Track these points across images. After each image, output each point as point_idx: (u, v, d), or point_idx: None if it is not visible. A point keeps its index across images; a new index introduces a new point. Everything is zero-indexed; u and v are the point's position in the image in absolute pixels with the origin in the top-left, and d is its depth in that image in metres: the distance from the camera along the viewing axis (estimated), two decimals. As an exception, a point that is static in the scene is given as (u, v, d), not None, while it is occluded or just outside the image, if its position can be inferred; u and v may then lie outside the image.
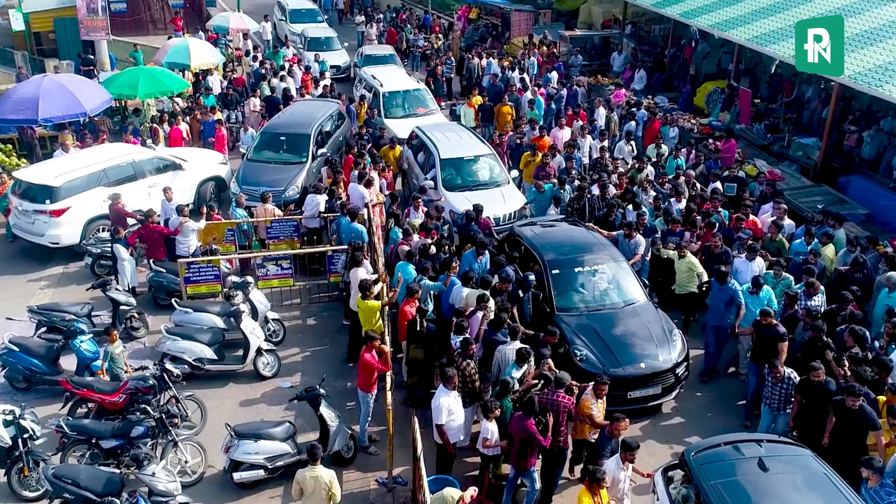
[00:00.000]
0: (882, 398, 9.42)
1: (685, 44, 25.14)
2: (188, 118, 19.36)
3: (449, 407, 9.19)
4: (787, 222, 13.92)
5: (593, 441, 9.50)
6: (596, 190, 15.10)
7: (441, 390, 9.24)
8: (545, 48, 26.75)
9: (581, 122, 19.22)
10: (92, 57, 24.97)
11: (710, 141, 18.20)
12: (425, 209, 14.24)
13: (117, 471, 9.33)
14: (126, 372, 10.88)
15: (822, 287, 11.75)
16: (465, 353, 9.99)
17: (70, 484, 8.72)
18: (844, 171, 17.12)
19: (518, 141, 18.08)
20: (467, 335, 10.38)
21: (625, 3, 27.26)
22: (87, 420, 10.08)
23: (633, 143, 18.27)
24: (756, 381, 10.99)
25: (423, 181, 15.84)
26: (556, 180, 15.70)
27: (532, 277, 11.88)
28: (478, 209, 13.83)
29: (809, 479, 7.93)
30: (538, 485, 9.23)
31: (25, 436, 9.48)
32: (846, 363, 10.10)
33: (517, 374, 9.71)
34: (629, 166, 16.52)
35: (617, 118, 19.80)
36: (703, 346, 12.21)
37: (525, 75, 23.56)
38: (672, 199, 14.65)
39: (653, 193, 14.86)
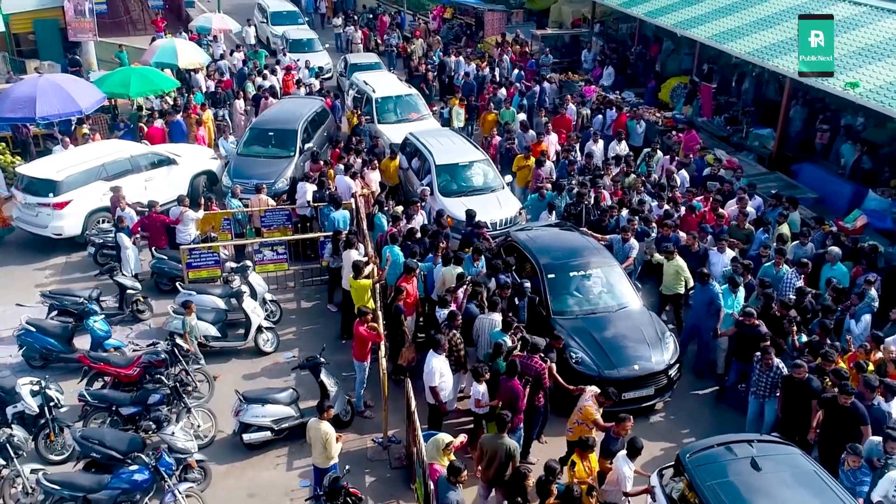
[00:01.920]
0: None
1: (652, 41, 26.46)
2: (179, 116, 20.10)
3: (441, 369, 10.22)
4: (750, 209, 14.76)
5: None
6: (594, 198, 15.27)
7: (432, 354, 10.24)
8: (518, 47, 27.87)
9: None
10: (79, 58, 25.62)
11: (674, 133, 19.41)
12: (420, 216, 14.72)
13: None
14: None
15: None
16: (451, 324, 11.00)
17: (97, 444, 9.60)
18: (796, 160, 18.42)
19: (508, 146, 18.37)
20: (453, 308, 11.41)
21: (593, 3, 28.52)
22: (107, 390, 10.97)
23: (624, 142, 18.66)
24: (736, 376, 11.54)
25: (419, 187, 16.18)
26: (550, 186, 15.89)
27: (527, 285, 12.17)
28: (470, 215, 14.24)
29: (800, 476, 8.23)
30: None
31: (51, 404, 10.37)
32: (794, 328, 11.23)
33: (507, 339, 10.68)
34: (618, 170, 16.82)
35: (588, 112, 20.87)
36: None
37: (496, 73, 24.53)
38: (655, 205, 15.02)
39: (648, 198, 15.25)
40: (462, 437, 9.30)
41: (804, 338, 11.04)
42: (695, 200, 15.09)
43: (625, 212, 14.65)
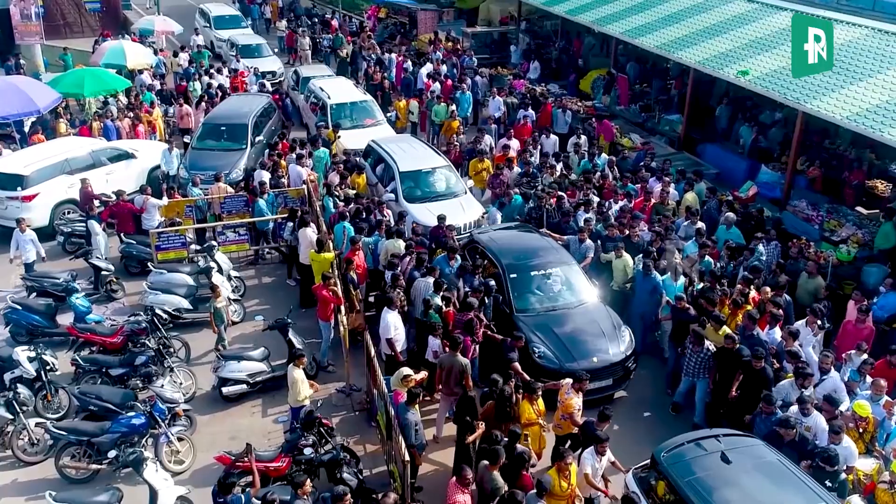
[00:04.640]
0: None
1: (574, 37, 28.54)
2: (131, 114, 21.16)
3: (395, 323, 11.79)
4: (673, 192, 16.34)
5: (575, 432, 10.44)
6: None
7: (387, 311, 11.80)
8: (450, 44, 29.58)
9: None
10: (23, 62, 26.28)
11: (593, 120, 21.44)
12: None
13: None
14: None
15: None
16: (395, 284, 12.56)
17: (94, 398, 10.94)
18: (701, 141, 20.65)
19: (469, 146, 19.09)
20: (397, 272, 13.01)
21: (519, 2, 30.39)
22: (97, 354, 12.23)
23: (583, 137, 19.39)
24: (675, 357, 12.28)
25: (384, 194, 16.70)
26: (518, 191, 16.37)
27: (492, 283, 12.73)
28: (441, 218, 14.76)
29: (765, 466, 8.80)
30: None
31: (47, 368, 11.58)
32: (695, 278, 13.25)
33: (438, 299, 12.22)
34: (559, 174, 17.34)
35: (516, 101, 22.65)
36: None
37: (424, 70, 26.07)
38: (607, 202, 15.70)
39: (596, 199, 15.79)
40: (423, 373, 10.95)
41: (700, 285, 13.02)
42: (629, 185, 16.62)
43: (580, 211, 15.27)
